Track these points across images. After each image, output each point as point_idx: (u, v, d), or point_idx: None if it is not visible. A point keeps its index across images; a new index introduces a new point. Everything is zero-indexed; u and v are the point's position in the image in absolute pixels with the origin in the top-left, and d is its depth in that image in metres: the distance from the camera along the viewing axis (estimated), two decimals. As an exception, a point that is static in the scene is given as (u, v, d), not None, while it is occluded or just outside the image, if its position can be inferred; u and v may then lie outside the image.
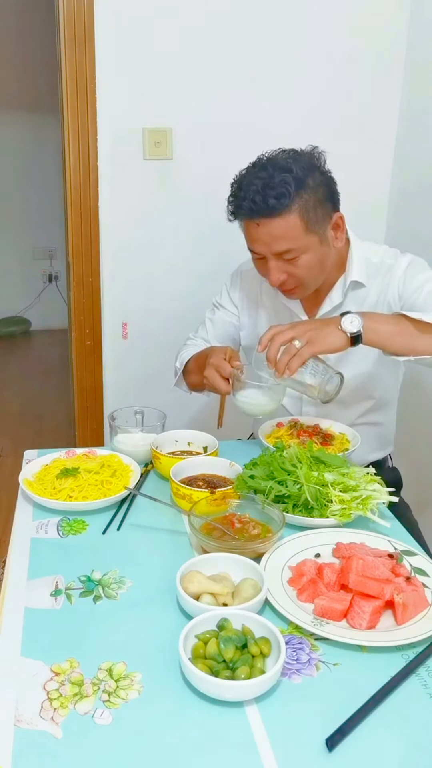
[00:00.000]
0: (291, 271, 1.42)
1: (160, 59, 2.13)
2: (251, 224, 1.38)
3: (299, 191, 1.34)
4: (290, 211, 1.34)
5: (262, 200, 1.33)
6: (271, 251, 1.39)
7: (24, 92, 4.67)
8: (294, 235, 1.36)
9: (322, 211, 1.39)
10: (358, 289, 1.51)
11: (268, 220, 1.35)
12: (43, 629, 0.96)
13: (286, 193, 1.32)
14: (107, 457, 1.39)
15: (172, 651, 0.89)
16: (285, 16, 2.15)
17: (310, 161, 1.39)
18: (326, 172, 1.42)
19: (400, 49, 2.24)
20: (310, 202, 1.36)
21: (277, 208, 1.33)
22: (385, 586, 0.98)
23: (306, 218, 1.36)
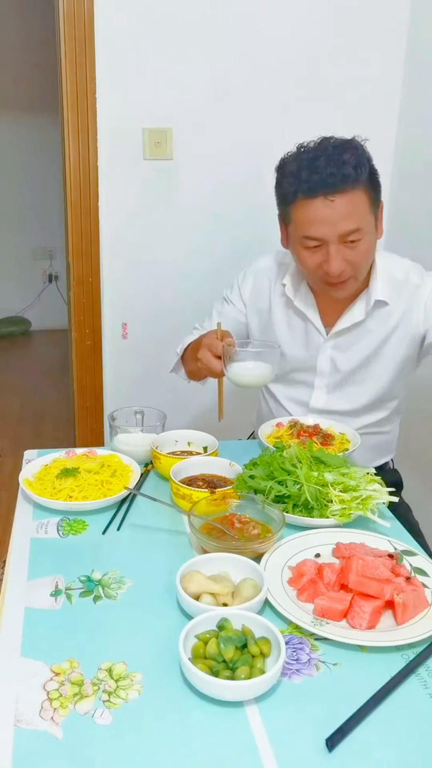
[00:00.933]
0: (350, 257, 1.36)
1: (160, 59, 2.13)
2: (318, 204, 1.31)
3: (366, 167, 1.32)
4: (359, 187, 1.31)
5: (337, 172, 1.28)
6: (338, 232, 1.32)
7: (24, 92, 4.67)
8: (362, 212, 1.33)
9: (376, 195, 1.37)
10: (382, 308, 1.47)
11: (341, 195, 1.30)
12: (43, 629, 0.96)
13: (359, 164, 1.30)
14: (107, 457, 1.39)
15: (172, 651, 0.89)
16: (285, 15, 2.15)
17: (361, 146, 1.36)
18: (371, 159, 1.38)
19: (400, 43, 2.23)
20: (370, 182, 1.34)
21: (352, 179, 1.29)
22: (385, 586, 0.98)
23: (371, 194, 1.34)
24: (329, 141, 1.35)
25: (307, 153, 1.34)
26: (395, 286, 1.47)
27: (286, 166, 1.37)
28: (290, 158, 1.37)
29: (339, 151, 1.31)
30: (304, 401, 1.61)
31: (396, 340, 1.50)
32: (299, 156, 1.35)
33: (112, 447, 1.46)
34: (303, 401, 1.61)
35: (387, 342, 1.50)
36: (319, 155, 1.31)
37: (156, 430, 1.45)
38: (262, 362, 1.39)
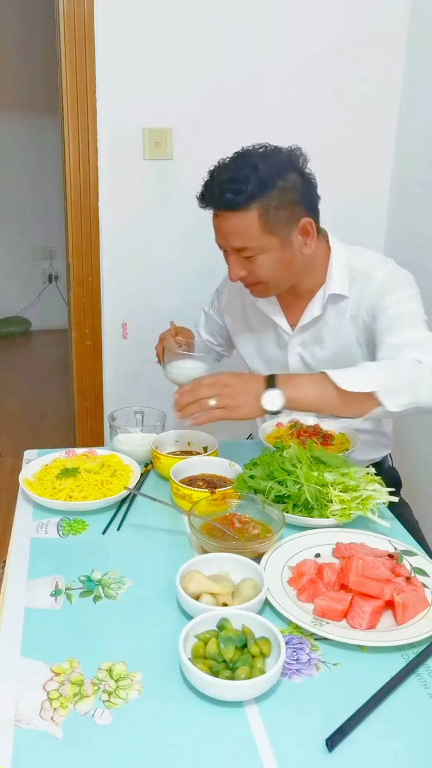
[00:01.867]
0: (250, 268, 1.40)
1: (160, 59, 2.13)
2: (215, 216, 1.39)
3: (261, 191, 1.31)
4: (248, 209, 1.32)
5: (219, 193, 1.33)
6: (229, 245, 1.38)
7: (24, 92, 4.67)
8: (251, 234, 1.34)
9: (287, 214, 1.35)
10: (339, 302, 1.48)
11: (226, 213, 1.34)
12: (43, 629, 0.96)
13: (244, 190, 1.30)
14: (107, 457, 1.39)
15: (172, 651, 0.89)
16: (285, 14, 2.15)
17: (287, 161, 1.36)
18: (305, 175, 1.38)
19: (400, 43, 2.23)
20: (273, 203, 1.32)
21: (232, 204, 1.32)
22: (385, 586, 0.98)
23: (265, 218, 1.33)
24: (241, 156, 1.36)
25: (219, 166, 1.38)
26: (353, 277, 1.47)
27: (208, 171, 1.41)
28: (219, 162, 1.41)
29: (234, 170, 1.33)
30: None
31: (354, 330, 1.49)
32: (215, 166, 1.40)
33: (112, 447, 1.46)
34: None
35: (347, 333, 1.50)
36: (222, 171, 1.36)
37: (156, 430, 1.45)
38: (200, 362, 1.46)
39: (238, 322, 1.68)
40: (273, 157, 1.35)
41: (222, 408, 1.22)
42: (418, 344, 1.29)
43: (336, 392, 1.21)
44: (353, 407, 1.23)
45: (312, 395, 1.23)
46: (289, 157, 1.37)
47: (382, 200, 2.39)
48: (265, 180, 1.31)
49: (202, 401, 1.22)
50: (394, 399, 1.20)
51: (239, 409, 1.22)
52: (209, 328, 1.79)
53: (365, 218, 2.37)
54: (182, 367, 1.45)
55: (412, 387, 1.22)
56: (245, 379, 1.26)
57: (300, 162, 1.38)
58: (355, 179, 2.32)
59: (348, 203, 2.34)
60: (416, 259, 1.55)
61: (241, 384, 1.24)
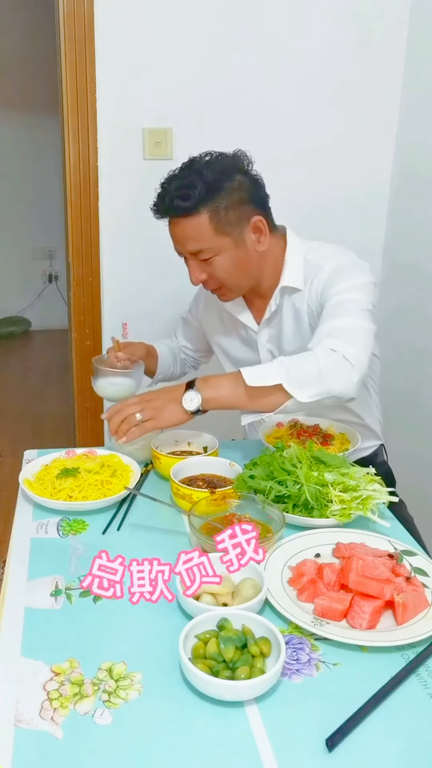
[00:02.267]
0: (209, 271, 1.43)
1: (160, 59, 2.13)
2: (169, 224, 1.43)
3: (209, 194, 1.35)
4: (198, 213, 1.36)
5: (169, 201, 1.37)
6: (185, 250, 1.43)
7: (24, 92, 4.67)
8: (203, 236, 1.38)
9: (236, 214, 1.39)
10: (295, 295, 1.49)
11: (177, 219, 1.39)
12: (43, 629, 0.96)
13: (191, 195, 1.35)
14: (107, 457, 1.39)
15: (172, 651, 0.89)
16: (285, 14, 2.15)
17: (231, 164, 1.41)
18: (250, 175, 1.42)
19: (401, 42, 2.23)
20: (222, 204, 1.37)
21: (181, 209, 1.37)
22: (385, 586, 0.98)
23: (216, 220, 1.37)
24: (188, 164, 1.41)
25: (168, 176, 1.42)
26: (308, 270, 1.48)
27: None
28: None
29: (181, 178, 1.38)
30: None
31: (309, 321, 1.50)
32: (162, 180, 1.43)
33: (110, 447, 1.46)
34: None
35: (305, 326, 1.51)
36: (170, 180, 1.40)
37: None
38: (126, 378, 1.51)
39: (214, 326, 1.71)
40: (217, 163, 1.40)
41: (150, 419, 1.30)
42: (339, 333, 1.32)
43: (247, 388, 1.28)
44: (264, 401, 1.30)
45: (226, 393, 1.31)
46: (233, 160, 1.42)
47: (383, 200, 2.39)
48: (211, 183, 1.36)
49: (130, 417, 1.30)
50: (304, 390, 1.26)
51: (163, 415, 1.31)
52: (187, 335, 1.82)
53: (365, 218, 2.37)
54: (111, 382, 1.52)
55: (322, 377, 1.26)
56: (168, 389, 1.36)
57: (245, 164, 1.43)
58: (355, 178, 2.32)
59: (347, 202, 2.34)
60: (416, 258, 1.55)
61: (164, 394, 1.34)
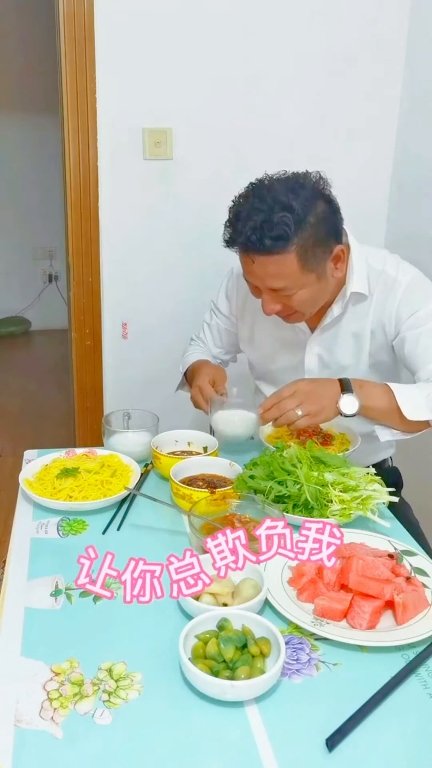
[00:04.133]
0: (285, 303, 1.38)
1: (160, 59, 2.13)
2: (246, 258, 1.33)
3: (298, 232, 1.26)
4: (287, 252, 1.27)
5: (258, 240, 1.26)
6: (265, 286, 1.35)
7: (24, 92, 4.67)
8: (289, 273, 1.30)
9: (322, 248, 1.32)
10: (360, 303, 1.46)
11: (263, 257, 1.29)
12: (43, 629, 0.96)
13: (284, 234, 1.25)
14: (107, 457, 1.39)
15: (172, 651, 0.89)
16: (285, 15, 2.15)
17: (313, 191, 1.31)
18: (330, 201, 1.34)
19: (400, 45, 2.23)
20: (309, 242, 1.29)
21: (274, 249, 1.26)
22: (385, 586, 0.98)
23: (304, 258, 1.29)
24: (269, 193, 1.28)
25: (245, 206, 1.29)
26: (373, 275, 1.46)
27: (233, 207, 1.34)
28: (235, 202, 1.34)
29: (273, 208, 1.25)
30: None
31: (375, 330, 1.48)
32: (238, 205, 1.32)
33: (110, 447, 1.46)
34: None
35: (365, 334, 1.49)
36: (250, 213, 1.27)
37: (151, 431, 1.45)
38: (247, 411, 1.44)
39: (248, 323, 1.65)
40: (301, 191, 1.28)
41: (307, 416, 1.31)
42: None
43: (398, 411, 1.33)
44: (408, 425, 1.36)
45: (380, 406, 1.35)
46: (314, 186, 1.32)
47: (383, 201, 2.39)
48: (301, 220, 1.26)
49: (289, 414, 1.30)
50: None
51: (320, 415, 1.32)
52: (219, 340, 1.74)
53: (365, 219, 2.37)
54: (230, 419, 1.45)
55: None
56: (321, 383, 1.35)
57: (325, 187, 1.34)
58: (355, 179, 2.32)
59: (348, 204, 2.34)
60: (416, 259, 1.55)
61: (320, 389, 1.33)
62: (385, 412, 1.35)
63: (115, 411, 1.52)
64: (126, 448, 1.41)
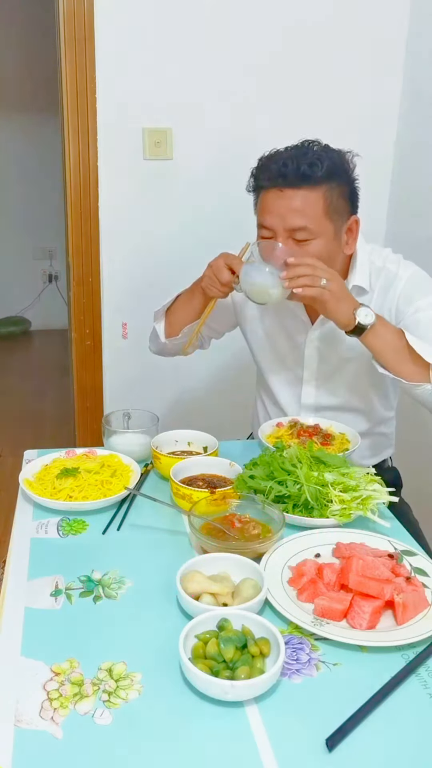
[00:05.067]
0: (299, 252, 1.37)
1: (160, 59, 2.13)
2: (271, 193, 1.35)
3: (330, 173, 1.33)
4: (317, 187, 1.32)
5: (294, 165, 1.31)
6: (285, 225, 1.35)
7: (24, 92, 4.67)
8: (313, 213, 1.33)
9: (343, 204, 1.37)
10: (361, 296, 1.47)
11: (293, 190, 1.32)
12: (43, 629, 0.96)
13: (318, 164, 1.31)
14: (107, 457, 1.39)
15: (172, 651, 0.89)
16: (285, 15, 2.15)
17: (342, 157, 1.39)
18: (353, 175, 1.41)
19: (401, 44, 2.24)
20: (336, 191, 1.34)
21: (307, 177, 1.31)
22: (385, 586, 0.98)
23: (329, 201, 1.34)
24: (309, 141, 1.38)
25: (274, 150, 1.37)
26: (374, 272, 1.48)
27: (263, 156, 1.40)
28: (269, 152, 1.40)
29: (306, 150, 1.34)
30: (296, 398, 1.62)
31: None
32: (273, 152, 1.39)
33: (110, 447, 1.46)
34: (295, 398, 1.62)
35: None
36: (285, 153, 1.35)
37: (150, 431, 1.45)
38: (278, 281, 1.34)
39: (250, 312, 1.64)
40: (333, 151, 1.37)
41: (328, 290, 1.29)
42: None
43: (407, 348, 1.33)
44: (410, 368, 1.34)
45: (390, 336, 1.34)
46: (344, 156, 1.39)
47: (383, 201, 2.39)
48: (334, 164, 1.34)
49: (315, 277, 1.28)
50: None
51: (340, 302, 1.31)
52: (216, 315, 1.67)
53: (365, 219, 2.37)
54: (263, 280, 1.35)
55: None
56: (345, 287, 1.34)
57: (352, 163, 1.40)
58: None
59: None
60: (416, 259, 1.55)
61: (344, 288, 1.33)
62: (392, 345, 1.34)
63: (115, 411, 1.52)
64: (126, 448, 1.41)
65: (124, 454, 1.39)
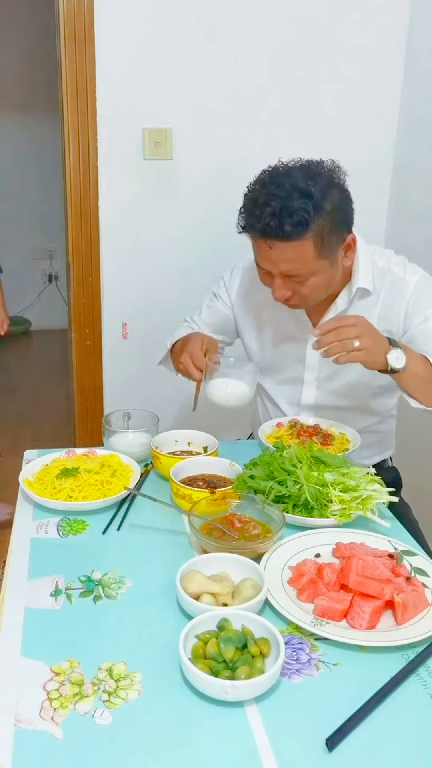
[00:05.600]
0: (296, 289, 1.38)
1: (160, 59, 2.13)
2: (260, 243, 1.33)
3: (316, 218, 1.28)
4: (305, 238, 1.28)
5: (277, 225, 1.27)
6: (279, 271, 1.35)
7: (24, 92, 4.67)
8: (305, 259, 1.31)
9: (336, 236, 1.34)
10: (365, 297, 1.48)
11: (281, 243, 1.30)
12: (43, 629, 0.96)
13: (303, 221, 1.26)
14: (107, 457, 1.39)
15: (172, 651, 0.89)
16: (284, 15, 2.15)
17: (329, 180, 1.33)
18: (344, 191, 1.35)
19: (401, 42, 2.24)
20: (326, 228, 1.30)
21: (293, 234, 1.27)
22: (385, 586, 0.98)
23: (320, 244, 1.30)
24: (286, 179, 1.29)
25: (263, 192, 1.30)
26: (378, 274, 1.48)
27: (248, 193, 1.35)
28: (256, 183, 1.34)
29: (292, 194, 1.27)
30: (296, 398, 1.62)
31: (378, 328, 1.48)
32: (255, 191, 1.33)
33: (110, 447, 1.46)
34: (295, 399, 1.62)
35: None
36: (268, 199, 1.28)
37: (150, 431, 1.45)
38: (241, 381, 1.42)
39: (250, 317, 1.64)
40: (319, 179, 1.30)
41: (361, 350, 1.26)
42: None
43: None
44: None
45: (421, 372, 1.34)
46: (332, 174, 1.34)
47: (383, 201, 2.39)
48: (320, 206, 1.28)
49: (346, 342, 1.26)
50: None
51: (374, 354, 1.28)
52: (215, 323, 1.72)
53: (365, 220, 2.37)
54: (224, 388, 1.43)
55: None
56: (374, 329, 1.31)
57: (341, 178, 1.36)
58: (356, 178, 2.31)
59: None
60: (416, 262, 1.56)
61: (375, 333, 1.30)
62: (422, 377, 1.35)
63: (115, 411, 1.52)
64: (126, 448, 1.41)
65: (124, 454, 1.39)
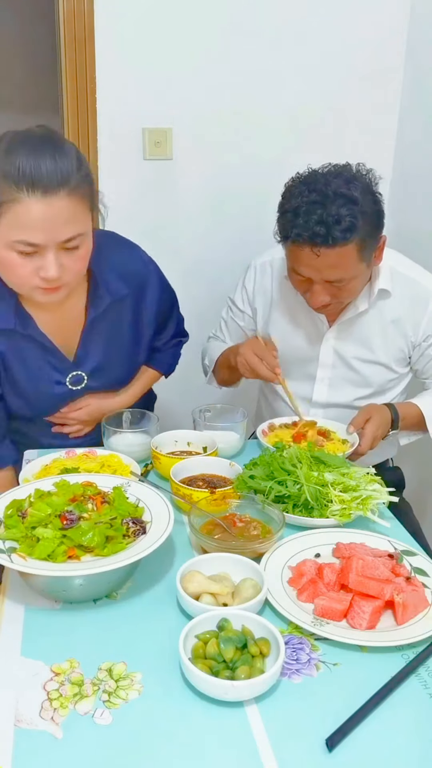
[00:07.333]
0: (335, 294, 1.39)
1: (160, 59, 2.12)
2: (305, 251, 1.33)
3: (362, 223, 1.30)
4: (351, 243, 1.30)
5: (326, 232, 1.28)
6: (323, 277, 1.36)
7: (24, 93, 4.67)
8: (348, 264, 1.33)
9: (374, 239, 1.36)
10: (385, 299, 1.50)
11: (328, 249, 1.30)
12: (43, 629, 0.96)
13: (352, 226, 1.28)
14: (107, 457, 1.39)
15: (172, 651, 0.89)
16: (284, 15, 2.15)
17: (367, 184, 1.35)
18: (378, 193, 1.38)
19: (401, 40, 2.23)
20: (367, 233, 1.33)
21: (341, 240, 1.29)
22: (385, 586, 0.98)
23: (362, 248, 1.33)
24: (327, 187, 1.31)
25: (304, 200, 1.31)
26: (397, 278, 1.49)
27: (287, 202, 1.35)
28: (293, 192, 1.35)
29: (336, 205, 1.29)
30: (307, 395, 1.62)
31: (394, 331, 1.52)
32: (295, 200, 1.33)
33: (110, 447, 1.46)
34: (305, 395, 1.62)
35: (387, 333, 1.52)
36: (312, 208, 1.29)
37: (150, 431, 1.45)
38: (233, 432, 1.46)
39: (265, 313, 1.65)
40: (356, 182, 1.33)
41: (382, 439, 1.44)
42: None
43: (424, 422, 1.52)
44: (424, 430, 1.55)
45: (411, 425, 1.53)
46: (365, 177, 1.37)
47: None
48: (363, 211, 1.30)
49: (377, 441, 1.42)
50: None
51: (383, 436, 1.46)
52: (233, 336, 1.75)
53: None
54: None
55: None
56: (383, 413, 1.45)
57: (375, 183, 1.38)
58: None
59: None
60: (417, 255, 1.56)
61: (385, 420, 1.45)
62: (415, 425, 1.52)
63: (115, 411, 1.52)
64: (126, 448, 1.41)
65: (124, 454, 1.39)
